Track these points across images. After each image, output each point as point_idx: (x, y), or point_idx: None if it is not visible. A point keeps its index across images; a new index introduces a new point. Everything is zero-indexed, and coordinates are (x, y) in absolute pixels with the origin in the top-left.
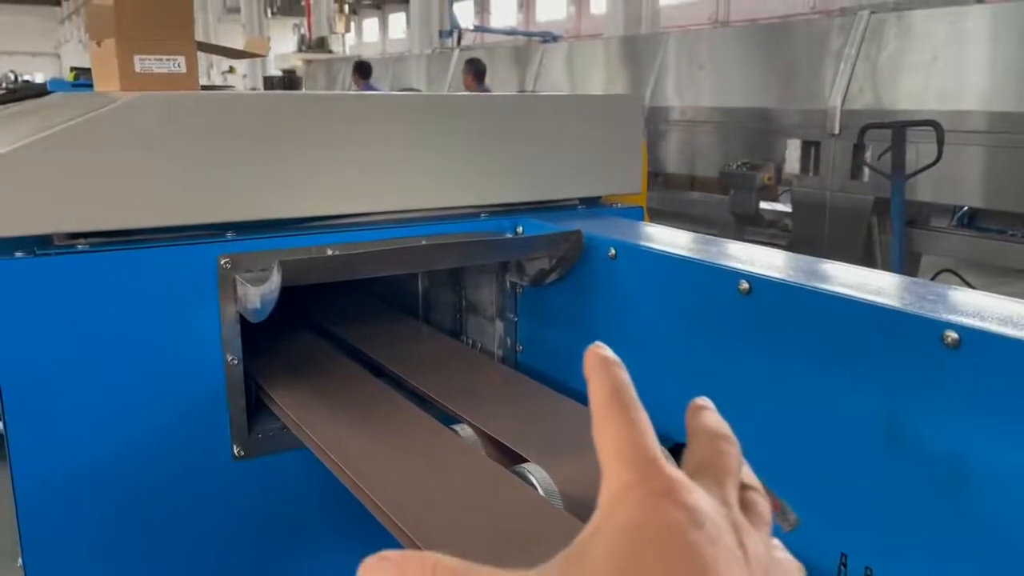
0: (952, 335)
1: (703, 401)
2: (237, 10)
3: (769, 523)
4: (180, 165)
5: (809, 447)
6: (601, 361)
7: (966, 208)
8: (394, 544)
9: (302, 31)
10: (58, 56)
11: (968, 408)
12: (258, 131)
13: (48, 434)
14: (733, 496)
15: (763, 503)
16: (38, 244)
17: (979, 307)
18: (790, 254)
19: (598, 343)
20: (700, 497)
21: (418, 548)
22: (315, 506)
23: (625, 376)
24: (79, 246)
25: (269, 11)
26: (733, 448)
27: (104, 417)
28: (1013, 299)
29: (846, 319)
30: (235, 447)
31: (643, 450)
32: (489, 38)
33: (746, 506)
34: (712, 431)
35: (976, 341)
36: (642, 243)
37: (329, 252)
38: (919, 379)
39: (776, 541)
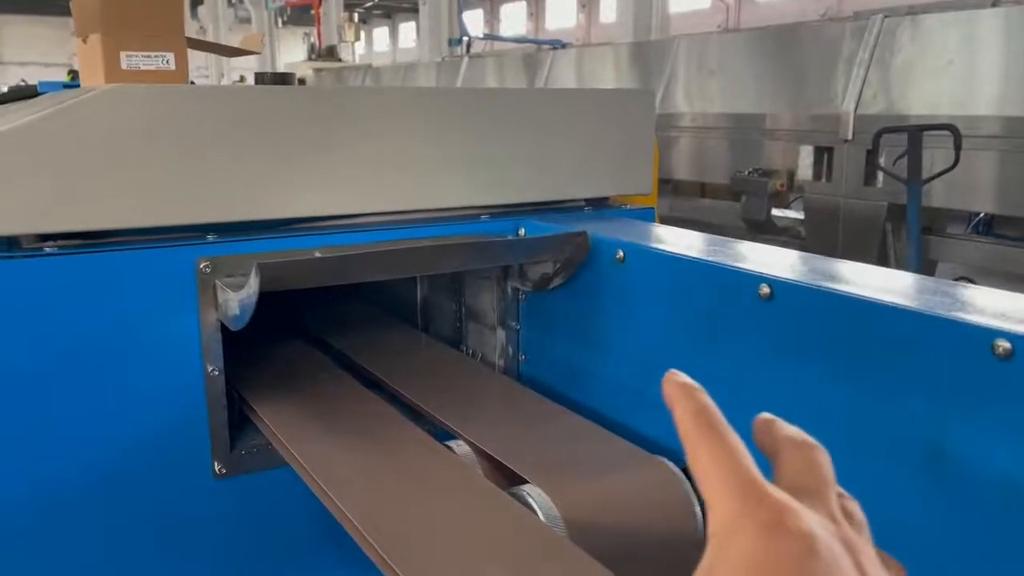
0: (1004, 344)
1: (768, 415)
2: (248, 21)
3: (866, 526)
4: (157, 162)
5: (839, 467)
6: (681, 388)
7: (983, 215)
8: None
9: (312, 40)
10: (71, 66)
11: (1021, 425)
12: (243, 127)
13: (12, 450)
14: (837, 509)
15: (856, 507)
16: (4, 246)
17: None
18: (811, 255)
19: (673, 371)
20: (812, 521)
21: None
22: (302, 528)
23: (709, 400)
24: (48, 248)
25: (280, 21)
26: (824, 457)
27: (74, 432)
28: None
29: (881, 327)
30: (216, 464)
31: (745, 475)
32: (498, 45)
33: (846, 515)
34: (797, 442)
35: None
36: (653, 245)
37: (316, 255)
38: (965, 393)
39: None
